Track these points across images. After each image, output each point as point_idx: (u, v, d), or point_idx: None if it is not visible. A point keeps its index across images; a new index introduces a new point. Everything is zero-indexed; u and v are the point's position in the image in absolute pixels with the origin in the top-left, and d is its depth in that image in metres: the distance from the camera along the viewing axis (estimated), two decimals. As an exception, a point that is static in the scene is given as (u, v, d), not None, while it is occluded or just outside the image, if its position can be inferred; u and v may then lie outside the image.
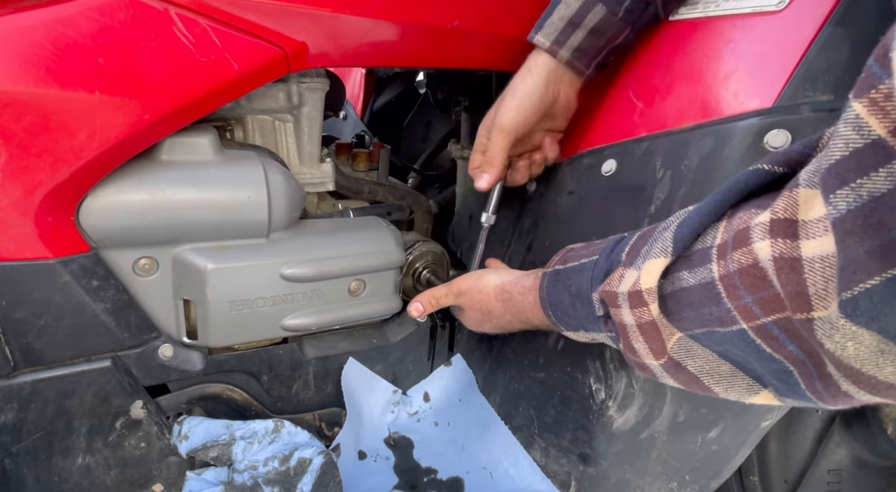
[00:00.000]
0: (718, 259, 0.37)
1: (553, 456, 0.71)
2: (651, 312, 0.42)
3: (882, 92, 0.26)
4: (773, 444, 0.81)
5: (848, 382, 0.32)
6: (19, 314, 0.59)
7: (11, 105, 0.52)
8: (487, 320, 0.65)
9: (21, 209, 0.56)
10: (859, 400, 0.33)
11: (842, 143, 0.27)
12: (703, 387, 0.43)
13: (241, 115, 0.76)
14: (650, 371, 0.46)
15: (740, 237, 0.35)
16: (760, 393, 0.41)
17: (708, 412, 0.61)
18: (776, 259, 0.32)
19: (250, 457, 0.68)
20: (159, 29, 0.56)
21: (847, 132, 0.27)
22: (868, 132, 0.26)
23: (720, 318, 0.37)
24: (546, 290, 0.54)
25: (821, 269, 0.30)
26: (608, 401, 0.62)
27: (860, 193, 0.27)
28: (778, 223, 0.32)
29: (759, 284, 0.34)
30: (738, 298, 0.36)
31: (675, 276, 0.41)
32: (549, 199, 0.76)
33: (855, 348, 0.29)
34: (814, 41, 0.51)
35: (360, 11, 0.65)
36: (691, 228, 0.40)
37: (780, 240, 0.32)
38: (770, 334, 0.35)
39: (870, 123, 0.26)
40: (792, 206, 0.32)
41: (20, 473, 0.64)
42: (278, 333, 0.75)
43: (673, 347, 0.42)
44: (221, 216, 0.66)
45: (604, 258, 0.48)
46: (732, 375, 0.41)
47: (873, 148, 0.26)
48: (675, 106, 0.60)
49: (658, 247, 0.42)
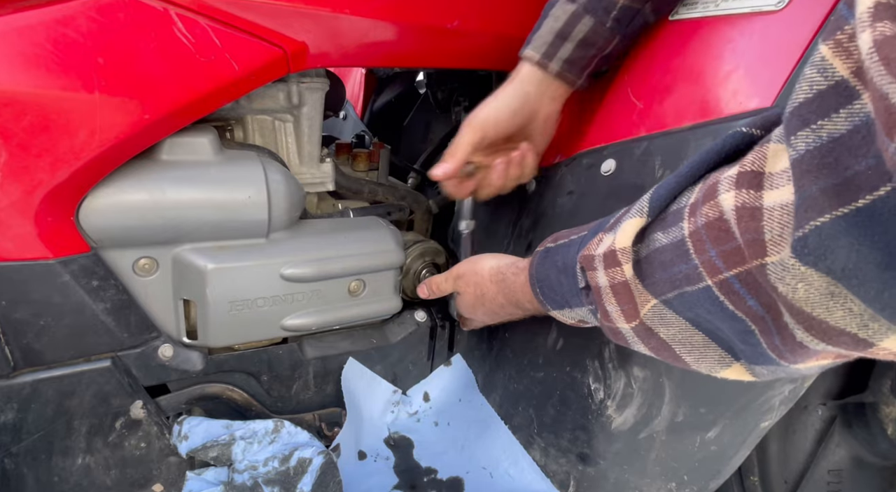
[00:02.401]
0: (689, 217, 0.38)
1: (552, 456, 0.71)
2: (624, 272, 0.42)
3: (847, 33, 0.26)
4: (773, 444, 0.81)
5: (801, 329, 0.32)
6: (19, 314, 0.59)
7: (11, 105, 0.52)
8: (480, 304, 0.66)
9: (21, 209, 0.56)
10: (814, 352, 0.33)
11: (806, 85, 0.27)
12: (673, 355, 0.43)
13: (241, 115, 0.76)
14: (622, 337, 0.46)
15: (709, 191, 0.36)
16: (732, 366, 0.41)
17: (707, 412, 0.61)
18: (738, 208, 0.33)
19: (250, 457, 0.68)
20: (159, 29, 0.56)
21: (812, 74, 0.27)
22: (832, 74, 0.26)
23: (688, 275, 0.38)
24: (535, 267, 0.55)
25: (779, 216, 0.30)
26: (607, 401, 0.62)
27: (820, 134, 0.27)
28: (744, 175, 0.33)
29: (723, 236, 0.34)
30: (704, 252, 0.36)
31: (651, 238, 0.41)
32: (548, 199, 0.76)
33: (805, 290, 0.29)
34: (813, 41, 0.51)
35: (360, 11, 0.65)
36: (668, 188, 0.40)
37: (743, 191, 0.32)
38: (732, 289, 0.35)
39: (834, 64, 0.26)
40: (760, 159, 0.32)
41: (20, 473, 0.64)
42: (278, 333, 0.75)
43: (647, 313, 0.42)
44: (221, 216, 0.66)
45: (591, 232, 0.49)
46: (705, 345, 0.41)
47: (836, 89, 0.26)
48: (675, 106, 0.60)
49: (635, 208, 0.42)
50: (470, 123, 0.65)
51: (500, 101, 0.65)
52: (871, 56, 0.23)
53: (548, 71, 0.63)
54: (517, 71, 0.65)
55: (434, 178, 0.67)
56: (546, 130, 0.68)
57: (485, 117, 0.64)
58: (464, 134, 0.65)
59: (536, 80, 0.64)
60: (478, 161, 0.68)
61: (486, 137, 0.65)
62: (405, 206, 0.94)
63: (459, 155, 0.65)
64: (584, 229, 0.51)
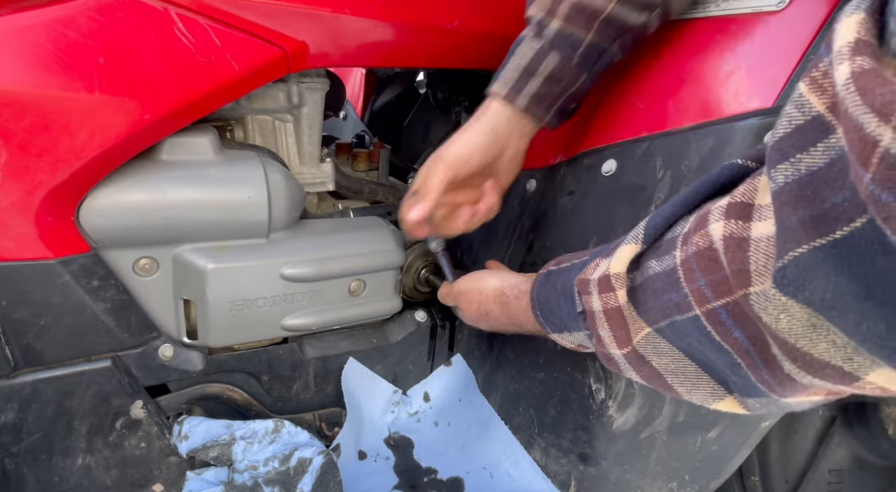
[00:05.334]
0: (682, 245, 0.38)
1: (553, 456, 0.71)
2: (618, 298, 0.42)
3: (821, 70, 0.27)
4: (774, 444, 0.81)
5: (788, 361, 0.32)
6: (19, 314, 0.59)
7: (12, 105, 0.52)
8: (483, 320, 0.66)
9: (21, 209, 0.56)
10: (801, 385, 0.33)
11: (786, 120, 0.28)
12: (665, 385, 0.43)
13: (242, 115, 0.76)
14: (615, 363, 0.46)
15: (700, 221, 0.36)
16: (725, 399, 0.41)
17: (708, 412, 0.61)
18: (726, 238, 0.33)
19: (250, 457, 0.68)
20: (159, 29, 0.56)
21: (791, 111, 0.28)
22: (809, 109, 0.27)
23: (678, 304, 0.38)
24: (537, 290, 0.55)
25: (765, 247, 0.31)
26: (608, 401, 0.62)
27: (798, 167, 0.27)
28: (734, 206, 0.33)
29: (712, 266, 0.35)
30: (694, 280, 0.36)
31: (645, 265, 0.41)
32: (549, 199, 0.76)
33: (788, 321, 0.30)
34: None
35: (361, 11, 0.65)
36: (663, 217, 0.41)
37: (732, 221, 0.33)
38: (719, 320, 0.35)
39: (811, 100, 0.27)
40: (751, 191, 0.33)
41: (20, 473, 0.64)
42: (278, 333, 0.75)
43: (640, 341, 0.42)
44: (222, 216, 0.66)
45: (591, 257, 0.49)
46: (697, 376, 0.41)
47: (812, 124, 0.27)
48: (676, 106, 0.60)
49: (630, 235, 0.42)
50: (441, 162, 0.62)
51: (469, 138, 0.63)
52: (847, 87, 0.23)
53: (515, 106, 0.62)
54: (485, 107, 0.64)
55: (409, 222, 0.64)
56: (512, 167, 0.66)
57: (456, 155, 0.62)
58: (435, 173, 0.62)
59: (505, 116, 0.62)
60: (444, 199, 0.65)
61: (458, 176, 0.63)
62: (405, 206, 0.94)
63: (433, 195, 0.62)
64: (586, 254, 0.51)
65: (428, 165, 0.64)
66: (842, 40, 0.24)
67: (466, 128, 0.63)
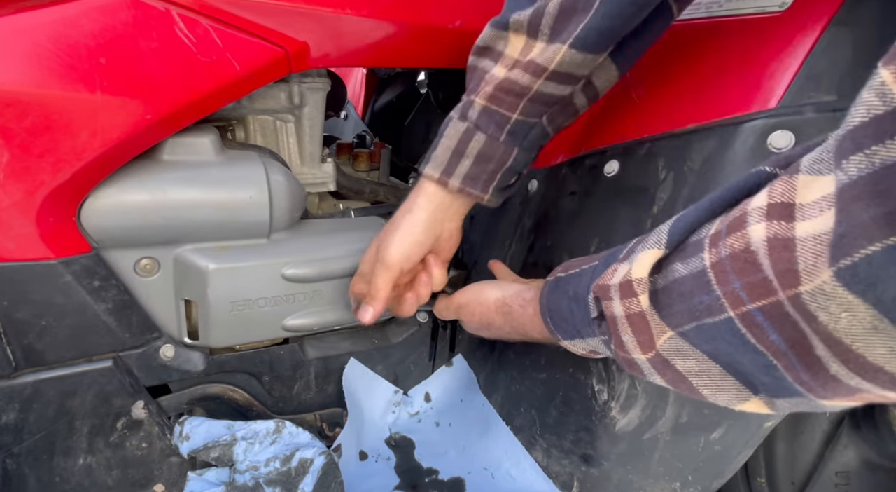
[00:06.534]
0: (710, 247, 0.37)
1: (555, 457, 0.70)
2: (641, 303, 0.41)
3: None
4: (781, 445, 0.81)
5: (838, 362, 0.31)
6: (21, 314, 0.59)
7: (13, 105, 0.52)
8: (486, 330, 0.65)
9: (22, 210, 0.56)
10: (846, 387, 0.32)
11: (864, 109, 0.27)
12: (690, 388, 0.43)
13: (243, 115, 0.76)
14: (638, 368, 0.45)
15: (735, 223, 0.35)
16: (750, 400, 0.40)
17: (711, 413, 0.60)
18: (769, 240, 0.32)
19: (252, 457, 0.68)
20: (161, 29, 0.56)
21: (870, 98, 0.27)
22: (892, 99, 0.26)
23: (709, 307, 0.37)
24: (546, 297, 0.54)
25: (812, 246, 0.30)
26: (611, 402, 0.62)
27: (873, 160, 0.26)
28: (775, 207, 0.32)
29: (749, 268, 0.34)
30: (727, 283, 0.36)
31: (669, 268, 0.41)
32: (550, 199, 0.75)
33: (848, 321, 0.29)
34: (817, 42, 0.50)
35: (362, 11, 0.65)
36: (687, 222, 0.40)
37: (775, 222, 0.32)
38: (754, 322, 0.35)
39: (894, 90, 0.26)
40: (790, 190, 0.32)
41: (22, 473, 0.64)
42: (279, 333, 0.75)
43: (663, 344, 0.42)
44: (223, 216, 0.66)
45: (603, 262, 0.48)
46: (722, 378, 0.41)
47: (894, 115, 0.26)
48: (678, 107, 0.60)
49: (653, 239, 0.42)
50: (384, 264, 0.63)
51: (407, 233, 0.63)
52: None
53: (448, 189, 0.61)
54: (419, 189, 0.64)
55: (365, 324, 0.66)
56: (451, 243, 0.67)
57: (397, 258, 0.63)
58: (380, 275, 0.64)
59: (438, 200, 0.63)
60: None
61: (403, 272, 0.64)
62: (407, 206, 0.93)
63: (382, 296, 0.64)
64: (595, 259, 0.51)
65: (372, 264, 0.65)
66: None
67: (401, 221, 0.64)
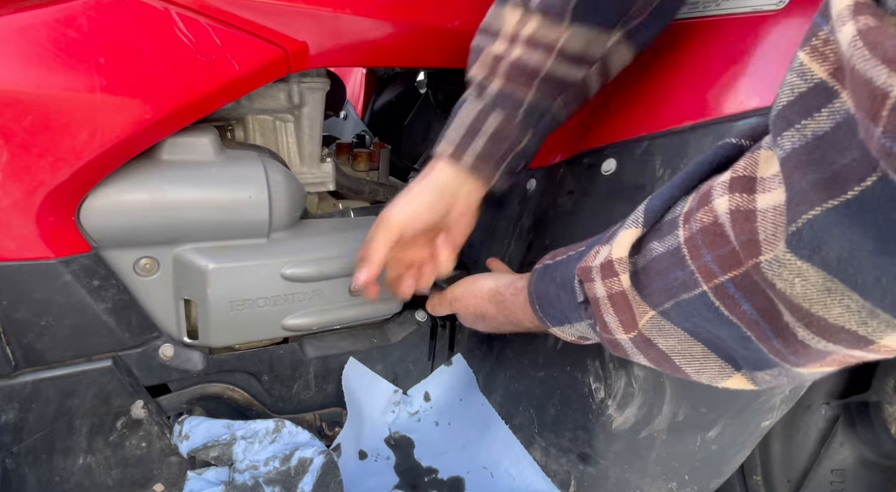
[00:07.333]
0: (684, 224, 0.38)
1: (553, 455, 0.71)
2: (621, 282, 0.42)
3: (821, 38, 0.27)
4: (776, 444, 0.81)
5: (802, 327, 0.32)
6: (20, 314, 0.59)
7: (13, 105, 0.52)
8: (481, 321, 0.66)
9: (22, 209, 0.56)
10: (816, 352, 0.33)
11: (788, 89, 0.29)
12: (673, 366, 0.43)
13: (242, 114, 0.76)
14: (621, 348, 0.46)
15: (703, 198, 0.37)
16: (733, 377, 0.41)
17: (707, 412, 0.61)
18: (732, 211, 0.34)
19: (251, 457, 0.68)
20: (160, 29, 0.56)
21: (792, 79, 0.29)
22: (811, 77, 0.28)
23: (685, 282, 0.38)
24: (534, 284, 0.55)
25: (772, 217, 0.31)
26: (607, 400, 0.62)
27: (804, 133, 0.28)
28: (737, 180, 0.34)
29: (718, 241, 0.35)
30: (700, 257, 0.37)
31: (647, 247, 0.42)
32: (548, 199, 0.76)
33: (802, 286, 0.30)
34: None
35: (361, 11, 0.65)
36: (662, 199, 0.41)
37: (737, 194, 0.33)
38: (727, 294, 0.36)
39: (812, 68, 0.28)
40: (752, 165, 0.33)
41: (21, 473, 0.65)
42: (279, 332, 0.75)
43: (645, 324, 0.43)
44: (222, 216, 0.66)
45: (588, 247, 0.49)
46: (704, 356, 0.41)
47: (815, 91, 0.28)
48: (675, 105, 0.60)
49: (631, 219, 0.43)
50: (384, 224, 0.62)
51: (413, 198, 0.62)
52: (854, 44, 0.24)
53: (461, 164, 0.61)
54: (430, 167, 0.63)
55: (356, 287, 0.64)
56: (463, 223, 0.65)
57: (400, 216, 0.61)
58: (379, 236, 0.62)
59: (451, 174, 0.61)
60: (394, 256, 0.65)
61: (405, 236, 0.62)
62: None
63: (377, 258, 0.62)
64: (582, 245, 0.51)
65: (374, 226, 0.64)
66: (840, 5, 0.25)
67: (411, 187, 0.63)
